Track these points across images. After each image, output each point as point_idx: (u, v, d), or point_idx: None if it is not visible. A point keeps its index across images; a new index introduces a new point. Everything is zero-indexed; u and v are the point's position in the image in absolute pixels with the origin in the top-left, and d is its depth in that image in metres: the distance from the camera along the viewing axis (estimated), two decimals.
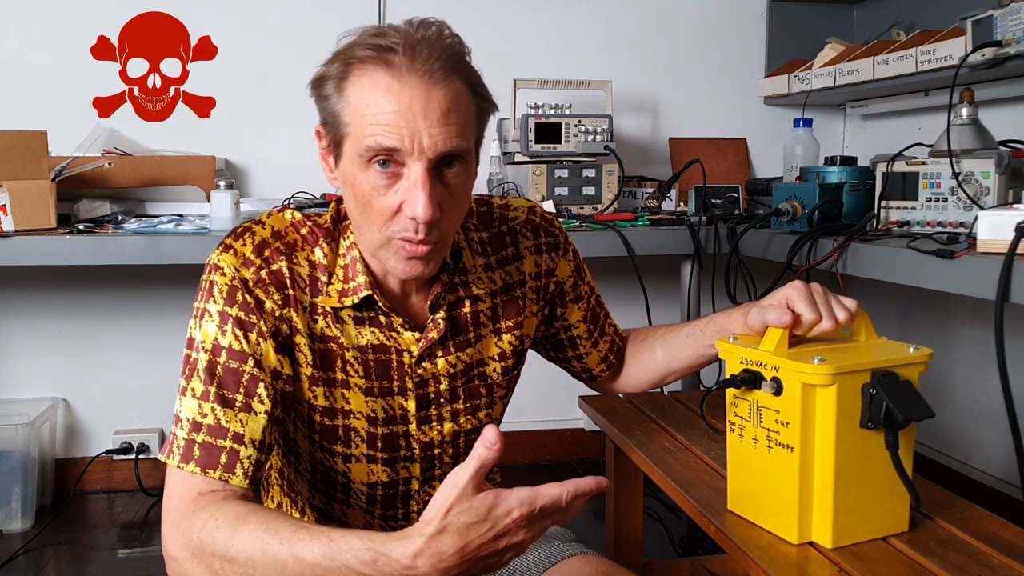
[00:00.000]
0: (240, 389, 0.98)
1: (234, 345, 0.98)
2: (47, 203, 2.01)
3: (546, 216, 1.22)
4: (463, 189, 1.00)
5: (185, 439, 0.97)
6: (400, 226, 0.96)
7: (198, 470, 0.95)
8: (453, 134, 0.94)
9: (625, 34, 2.93)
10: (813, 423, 0.96)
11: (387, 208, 0.96)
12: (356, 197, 0.98)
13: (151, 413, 2.73)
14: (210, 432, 0.96)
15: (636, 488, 1.60)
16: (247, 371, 0.98)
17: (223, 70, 2.70)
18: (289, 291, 1.02)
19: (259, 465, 0.99)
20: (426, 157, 0.94)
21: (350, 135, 0.96)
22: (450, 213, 0.99)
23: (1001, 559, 0.96)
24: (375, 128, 0.93)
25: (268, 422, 0.99)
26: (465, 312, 1.11)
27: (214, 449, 0.96)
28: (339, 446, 1.08)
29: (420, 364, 1.08)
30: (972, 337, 2.52)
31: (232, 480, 0.96)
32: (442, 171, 0.97)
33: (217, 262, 1.01)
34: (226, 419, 0.97)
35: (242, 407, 0.97)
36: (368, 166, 0.95)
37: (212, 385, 0.97)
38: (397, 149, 0.93)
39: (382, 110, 0.93)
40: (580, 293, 1.25)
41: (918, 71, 2.19)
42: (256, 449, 0.98)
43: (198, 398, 0.97)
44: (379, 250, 1.00)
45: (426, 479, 1.13)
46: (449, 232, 1.01)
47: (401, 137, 0.93)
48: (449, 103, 0.94)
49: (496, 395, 1.16)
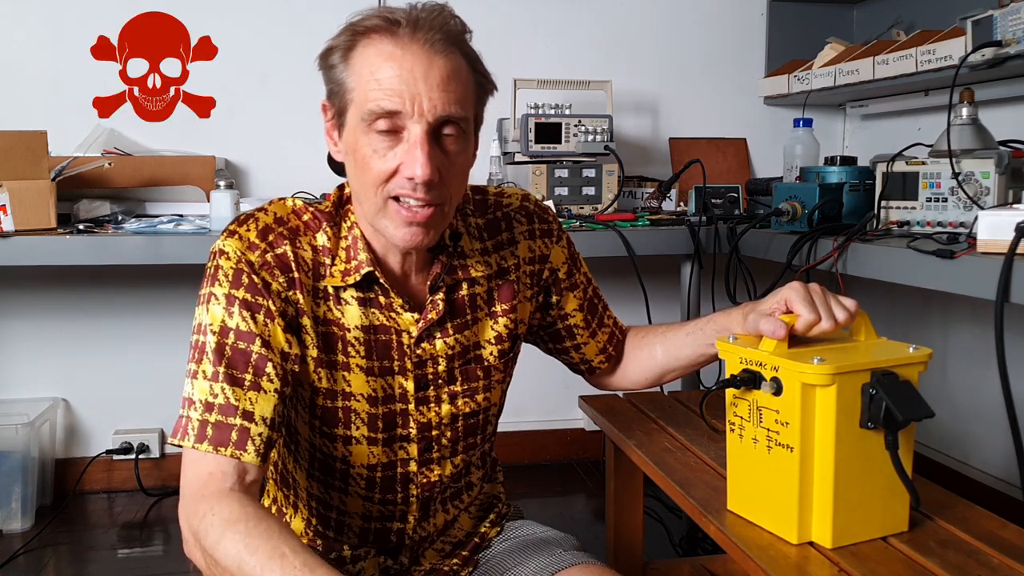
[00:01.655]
0: (249, 368, 0.99)
1: (241, 326, 1.00)
2: (47, 203, 2.01)
3: (540, 204, 1.24)
4: (462, 159, 1.03)
5: (199, 420, 0.98)
6: (397, 184, 0.99)
7: (211, 449, 0.97)
8: (452, 100, 0.98)
9: (625, 34, 2.93)
10: (813, 423, 0.96)
11: (385, 170, 0.99)
12: (356, 162, 1.01)
13: (151, 413, 2.73)
14: (221, 411, 0.98)
15: (636, 488, 1.60)
16: (255, 351, 1.00)
17: (223, 70, 2.70)
18: (294, 274, 1.04)
19: (270, 442, 1.00)
20: (426, 120, 0.97)
21: (353, 101, 1.00)
22: (450, 181, 1.01)
23: (1001, 559, 0.96)
24: (377, 92, 0.97)
25: (278, 400, 1.01)
26: (463, 295, 1.13)
27: (225, 427, 0.97)
28: (340, 428, 1.09)
29: (419, 344, 1.10)
30: (972, 337, 2.51)
31: (244, 457, 0.97)
32: (441, 137, 1.00)
33: (222, 247, 1.03)
34: (235, 398, 0.98)
35: (251, 386, 0.99)
36: (369, 130, 0.98)
37: (221, 366, 0.99)
38: (398, 112, 0.97)
39: (385, 75, 0.97)
40: (575, 282, 1.26)
41: (918, 71, 2.19)
42: (267, 426, 0.99)
43: (208, 379, 0.99)
44: (377, 217, 1.02)
45: (424, 461, 1.14)
46: (450, 199, 1.03)
47: (402, 100, 0.96)
48: (449, 71, 0.98)
49: (494, 379, 1.18)
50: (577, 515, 2.58)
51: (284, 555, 0.87)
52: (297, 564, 0.86)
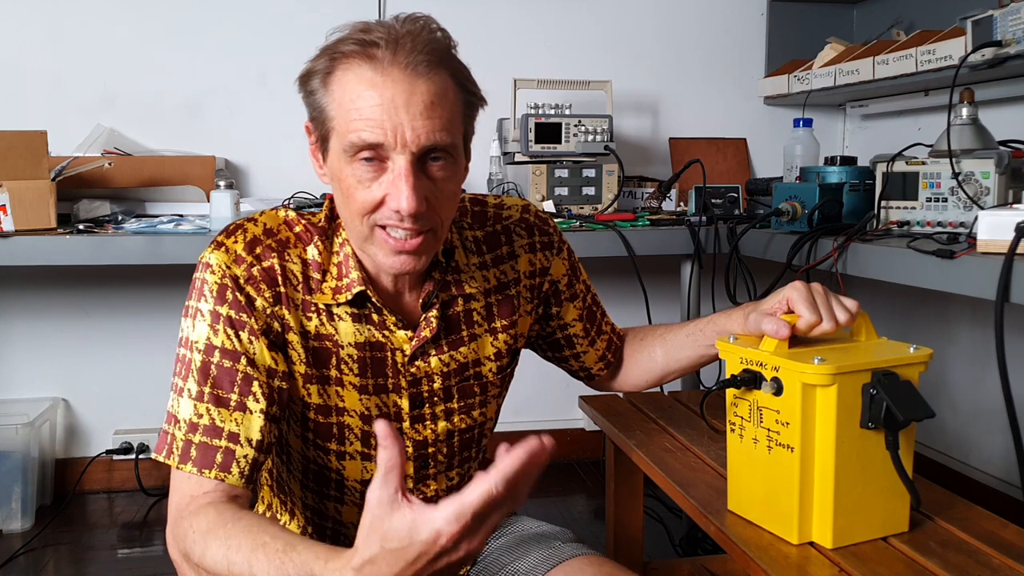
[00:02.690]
0: (235, 388, 0.98)
1: (227, 344, 0.98)
2: (47, 203, 2.01)
3: (540, 215, 1.21)
4: (450, 183, 0.99)
5: (183, 440, 0.97)
6: (383, 215, 0.96)
7: (195, 470, 0.96)
8: (437, 127, 0.94)
9: (625, 34, 2.93)
10: (813, 423, 0.96)
11: (370, 200, 0.96)
12: (341, 191, 0.98)
13: (151, 413, 2.72)
14: (206, 432, 0.96)
15: (636, 488, 1.60)
16: (240, 370, 0.98)
17: (223, 70, 2.70)
18: (280, 288, 1.02)
19: (256, 464, 0.99)
20: (409, 151, 0.93)
21: (335, 130, 0.96)
22: (439, 207, 0.99)
23: (1001, 559, 0.96)
24: (359, 123, 0.93)
25: (265, 420, 0.99)
26: (458, 311, 1.11)
27: (210, 449, 0.96)
28: (333, 443, 1.08)
29: (413, 363, 1.08)
30: (972, 337, 2.51)
31: (228, 479, 0.96)
32: (427, 165, 0.96)
33: (208, 260, 1.01)
34: (220, 419, 0.97)
35: (237, 406, 0.98)
36: (353, 160, 0.95)
37: (206, 385, 0.97)
38: (380, 144, 0.93)
39: (365, 104, 0.93)
40: (575, 292, 1.24)
41: (918, 71, 2.19)
42: (253, 448, 0.98)
43: (193, 399, 0.97)
44: (365, 244, 1.00)
45: (420, 478, 1.13)
46: (442, 224, 1.01)
47: (384, 131, 0.92)
48: (433, 96, 0.94)
49: (490, 394, 1.16)
50: (577, 515, 2.58)
51: (265, 543, 0.86)
52: (279, 547, 0.84)
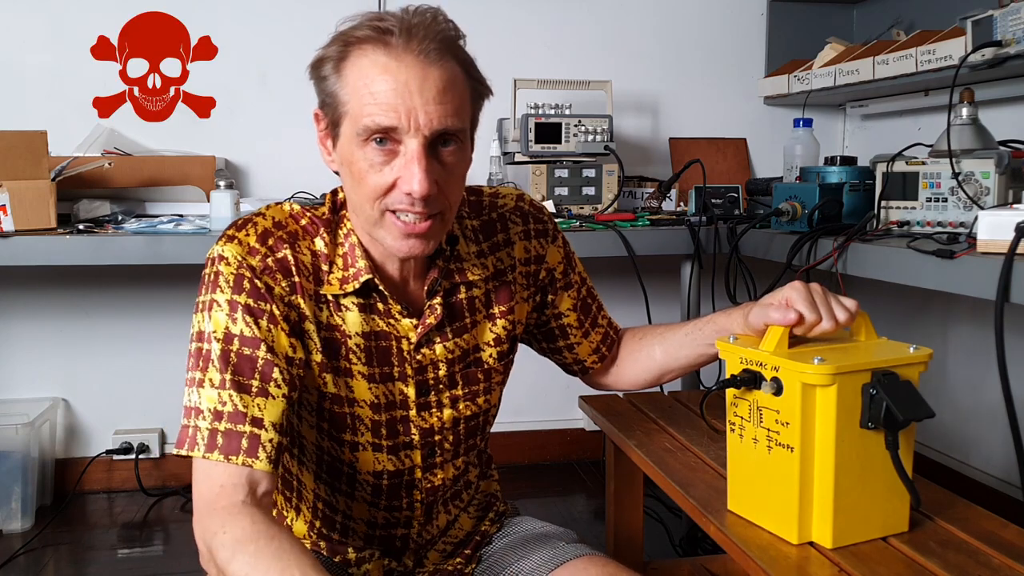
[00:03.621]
0: (256, 374, 0.98)
1: (246, 332, 0.99)
2: (47, 203, 2.01)
3: (534, 204, 1.23)
4: (459, 168, 1.02)
5: (208, 428, 0.97)
6: (394, 198, 0.98)
7: (222, 458, 0.96)
8: (449, 112, 0.96)
9: (625, 34, 2.93)
10: (813, 423, 0.96)
11: (382, 184, 0.97)
12: (352, 175, 1.00)
13: (151, 413, 2.73)
14: (230, 419, 0.97)
15: (636, 488, 1.60)
16: (261, 356, 0.99)
17: (223, 70, 2.70)
18: (295, 278, 1.03)
19: (280, 448, 0.99)
20: (422, 134, 0.95)
21: (348, 114, 0.98)
22: (448, 190, 1.01)
23: (1001, 559, 0.96)
24: (372, 107, 0.95)
25: (286, 405, 1.00)
26: (461, 298, 1.13)
27: (235, 435, 0.96)
28: (347, 434, 1.09)
29: (419, 350, 1.09)
30: (972, 337, 2.51)
31: (256, 465, 0.96)
32: (437, 150, 0.98)
33: (221, 252, 1.01)
34: (243, 405, 0.97)
35: (259, 392, 0.98)
36: (365, 144, 0.97)
37: (228, 373, 0.98)
38: (394, 127, 0.95)
39: (379, 88, 0.95)
40: (570, 281, 1.25)
41: (918, 71, 2.19)
42: (277, 432, 0.98)
43: (216, 387, 0.98)
44: (374, 228, 1.01)
45: (427, 467, 1.14)
46: (450, 207, 1.03)
47: (398, 115, 0.95)
48: (445, 82, 0.96)
49: (494, 380, 1.18)
50: (577, 515, 2.58)
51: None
52: None
